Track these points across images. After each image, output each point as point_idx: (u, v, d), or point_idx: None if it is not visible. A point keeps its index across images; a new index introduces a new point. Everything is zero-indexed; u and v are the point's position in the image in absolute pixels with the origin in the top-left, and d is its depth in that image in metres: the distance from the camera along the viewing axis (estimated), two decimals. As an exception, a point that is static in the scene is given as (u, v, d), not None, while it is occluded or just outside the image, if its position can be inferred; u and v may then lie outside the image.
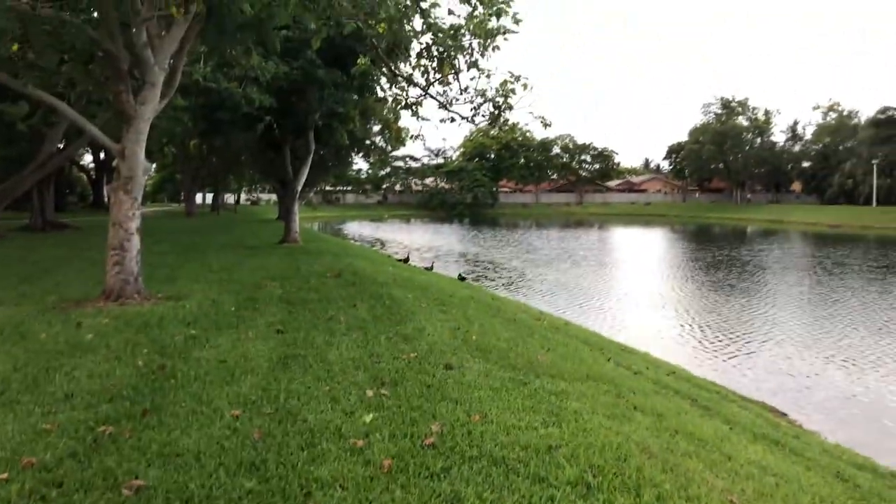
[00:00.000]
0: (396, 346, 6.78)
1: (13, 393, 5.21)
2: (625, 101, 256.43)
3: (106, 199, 50.09)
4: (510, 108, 11.06)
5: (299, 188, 21.51)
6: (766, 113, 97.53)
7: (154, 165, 77.32)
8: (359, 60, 13.67)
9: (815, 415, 10.38)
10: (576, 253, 37.58)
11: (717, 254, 37.31)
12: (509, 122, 11.66)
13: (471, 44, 10.07)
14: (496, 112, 11.13)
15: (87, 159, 62.90)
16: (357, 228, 63.91)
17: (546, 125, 11.47)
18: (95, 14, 9.18)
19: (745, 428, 6.48)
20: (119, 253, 9.21)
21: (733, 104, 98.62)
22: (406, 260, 22.63)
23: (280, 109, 18.53)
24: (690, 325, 16.76)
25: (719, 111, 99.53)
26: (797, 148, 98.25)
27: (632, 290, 23.01)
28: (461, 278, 21.17)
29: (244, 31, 10.12)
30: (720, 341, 15.01)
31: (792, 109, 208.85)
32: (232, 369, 5.85)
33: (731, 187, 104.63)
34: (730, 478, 4.17)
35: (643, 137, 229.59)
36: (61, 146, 27.49)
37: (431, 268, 22.09)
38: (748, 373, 12.59)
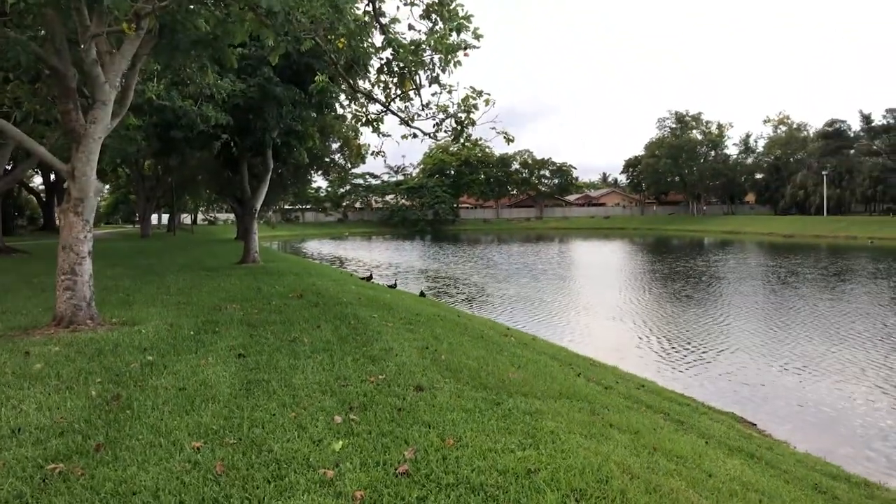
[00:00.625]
0: (364, 367, 6.57)
1: (-46, 430, 4.86)
2: (581, 116, 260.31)
3: (57, 222, 48.66)
4: (473, 123, 10.95)
5: (258, 207, 21.13)
6: (720, 126, 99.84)
7: (107, 186, 75.80)
8: (317, 78, 13.46)
9: (781, 423, 10.46)
10: (537, 267, 37.73)
11: (676, 265, 37.87)
12: (472, 138, 11.56)
13: (432, 59, 9.97)
14: (459, 128, 11.02)
15: (37, 181, 61.22)
16: (318, 247, 63.27)
17: (509, 140, 11.37)
18: (42, 30, 8.83)
19: (720, 441, 6.42)
20: (70, 277, 8.82)
21: (687, 118, 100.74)
22: (369, 278, 22.36)
23: (237, 127, 18.19)
24: (654, 337, 16.84)
25: (674, 125, 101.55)
26: (750, 160, 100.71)
27: (594, 303, 23.08)
28: (422, 295, 21.00)
29: (198, 48, 9.87)
30: (683, 352, 15.11)
31: (744, 122, 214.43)
32: (192, 397, 5.58)
33: (688, 199, 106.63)
34: (713, 497, 4.07)
35: (600, 152, 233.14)
36: (9, 168, 26.68)
37: (395, 286, 21.85)
38: (713, 383, 12.67)
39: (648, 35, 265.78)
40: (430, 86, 10.33)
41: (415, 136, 11.49)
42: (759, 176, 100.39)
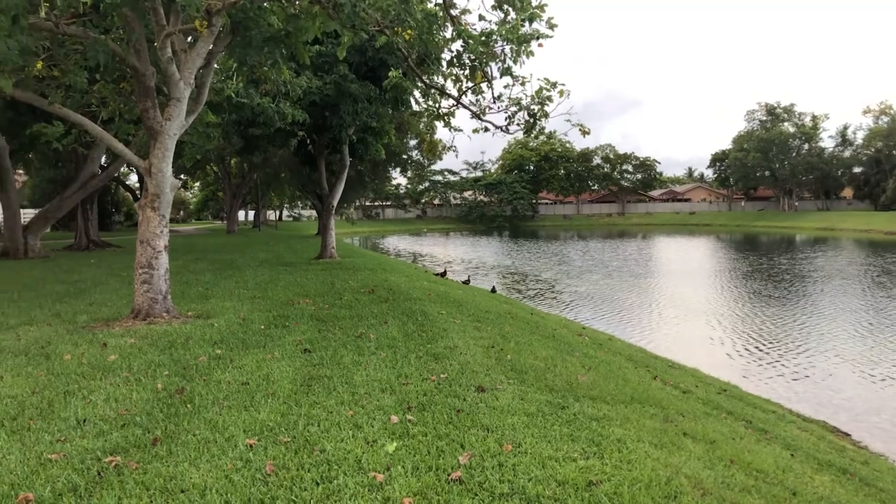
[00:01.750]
0: (426, 365, 6.42)
1: (25, 419, 4.99)
2: (666, 109, 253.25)
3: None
4: (546, 115, 10.65)
5: (335, 203, 21.38)
6: (814, 118, 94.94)
7: (197, 184, 78.91)
8: (390, 73, 13.43)
9: (879, 435, 9.70)
10: (618, 264, 36.80)
11: (762, 263, 36.16)
12: (545, 131, 11.23)
13: (503, 50, 9.73)
14: (531, 120, 10.73)
15: (133, 179, 64.29)
16: (396, 243, 63.91)
17: (585, 133, 11.00)
18: (120, 30, 9.09)
19: (807, 454, 5.93)
20: (147, 271, 9.06)
21: (778, 110, 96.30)
22: (443, 274, 22.28)
23: (314, 124, 18.43)
24: (737, 339, 16.02)
25: (764, 118, 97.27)
26: (847, 153, 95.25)
27: (679, 302, 22.24)
28: (493, 291, 20.77)
29: (271, 45, 9.94)
30: (769, 355, 14.30)
31: (841, 114, 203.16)
32: (253, 392, 5.56)
33: (779, 195, 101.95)
34: (796, 518, 3.70)
35: (686, 146, 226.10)
36: (105, 166, 28.03)
37: (468, 282, 21.69)
38: (802, 388, 11.89)
39: (737, 22, 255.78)
40: (501, 78, 10.09)
41: (486, 129, 11.27)
42: (857, 170, 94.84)
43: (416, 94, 17.40)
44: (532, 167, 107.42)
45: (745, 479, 4.18)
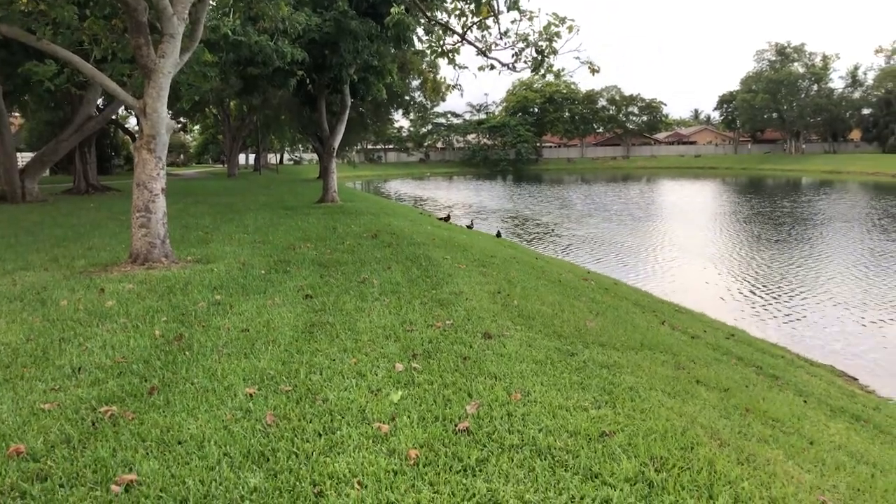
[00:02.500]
0: (431, 311, 6.26)
1: (19, 367, 4.85)
2: (673, 49, 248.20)
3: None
4: (554, 52, 10.24)
5: (336, 145, 20.99)
6: (824, 58, 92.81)
7: (196, 126, 78.02)
8: (392, 9, 12.92)
9: (884, 378, 9.62)
10: (619, 208, 36.52)
11: (767, 207, 35.88)
12: (553, 68, 10.84)
13: (510, -19, 9.29)
14: (539, 57, 10.32)
15: (132, 122, 63.50)
16: (398, 187, 63.44)
17: (594, 71, 10.62)
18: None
19: (820, 400, 5.81)
20: (144, 215, 8.84)
21: (788, 50, 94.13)
22: (447, 219, 22.04)
23: (313, 63, 17.89)
24: (742, 283, 15.90)
25: (773, 58, 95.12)
26: (857, 94, 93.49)
27: (681, 246, 22.05)
28: (498, 235, 20.61)
29: (268, -23, 9.50)
30: (774, 299, 14.22)
31: (852, 53, 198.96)
32: (253, 340, 5.41)
33: (786, 137, 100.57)
34: (817, 469, 3.56)
35: (692, 87, 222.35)
36: (102, 108, 27.51)
37: (472, 226, 21.48)
38: (809, 332, 11.81)
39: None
40: (508, 12, 9.66)
41: (492, 67, 10.90)
42: (866, 111, 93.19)
43: (420, 31, 16.87)
44: (536, 109, 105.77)
45: (761, 429, 4.04)
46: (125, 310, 6.49)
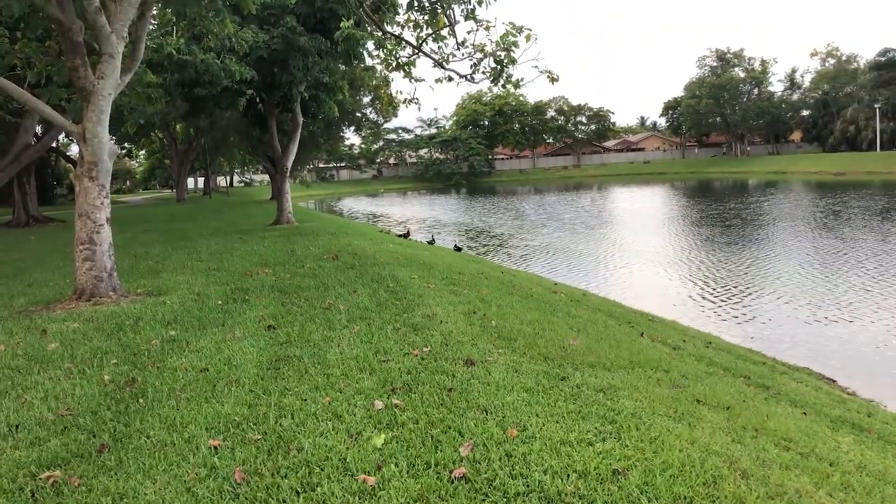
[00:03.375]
0: (406, 338, 5.85)
1: (-54, 428, 4.29)
2: (615, 58, 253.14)
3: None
4: (513, 62, 9.98)
5: (289, 165, 20.43)
6: (763, 63, 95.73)
7: (142, 152, 76.19)
8: (342, 24, 12.53)
9: (859, 377, 9.60)
10: (576, 216, 36.69)
11: (716, 209, 36.59)
12: (512, 79, 10.58)
13: (467, -10, 9.00)
14: (498, 67, 10.05)
15: (75, 150, 61.58)
16: (353, 204, 62.83)
17: (553, 80, 10.39)
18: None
19: (817, 411, 5.59)
20: (88, 247, 8.24)
21: (728, 55, 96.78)
22: (406, 235, 21.64)
23: (262, 82, 17.36)
24: (703, 287, 15.96)
25: (715, 63, 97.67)
26: (796, 97, 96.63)
27: (645, 251, 22.09)
28: (457, 249, 20.35)
29: (212, -8, 9.04)
30: (735, 301, 14.35)
31: (789, 57, 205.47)
32: (214, 380, 4.93)
33: (731, 141, 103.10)
34: (850, 498, 3.27)
35: (637, 95, 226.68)
36: (41, 136, 26.40)
37: (433, 241, 21.12)
38: (771, 332, 11.88)
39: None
40: (465, 21, 9.36)
41: (450, 79, 10.60)
42: (805, 113, 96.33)
43: (370, 45, 16.52)
44: (487, 122, 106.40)
45: (778, 453, 3.74)
46: (70, 353, 5.93)
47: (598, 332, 7.00)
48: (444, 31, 10.06)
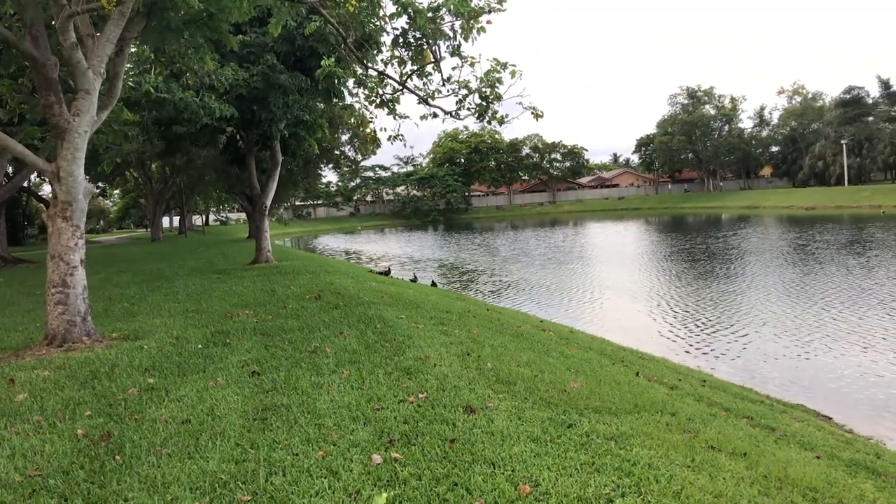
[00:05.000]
0: (399, 383, 5.56)
1: None
2: (588, 99, 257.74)
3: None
4: (499, 98, 9.90)
5: (268, 203, 20.13)
6: (733, 100, 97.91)
7: (116, 191, 75.33)
8: (322, 62, 12.41)
9: (849, 412, 9.50)
10: (543, 252, 36.77)
11: (688, 244, 36.90)
12: (497, 115, 10.49)
13: (452, 27, 8.91)
14: (483, 104, 9.96)
15: (47, 189, 60.68)
16: (331, 242, 62.41)
17: (538, 116, 10.33)
18: (11, 12, 7.85)
19: (828, 454, 5.38)
20: (61, 290, 7.87)
21: (699, 93, 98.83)
22: (387, 273, 21.37)
23: (242, 120, 17.16)
24: (683, 322, 15.89)
25: (686, 101, 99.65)
26: (765, 133, 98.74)
27: (622, 287, 22.02)
28: (433, 285, 20.16)
29: (192, 29, 8.86)
30: (714, 335, 14.33)
31: (758, 95, 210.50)
32: (197, 433, 4.60)
33: (703, 176, 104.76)
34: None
35: (610, 133, 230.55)
36: (12, 175, 25.88)
37: (416, 279, 20.86)
38: (764, 370, 11.72)
39: (652, 10, 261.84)
40: (451, 57, 9.27)
41: (435, 115, 10.47)
42: (774, 149, 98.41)
43: (350, 83, 16.44)
44: (463, 160, 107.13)
45: (806, 505, 3.51)
46: (40, 404, 5.55)
47: (595, 373, 6.76)
48: (430, 67, 9.97)
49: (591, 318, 16.84)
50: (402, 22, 9.11)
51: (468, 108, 10.24)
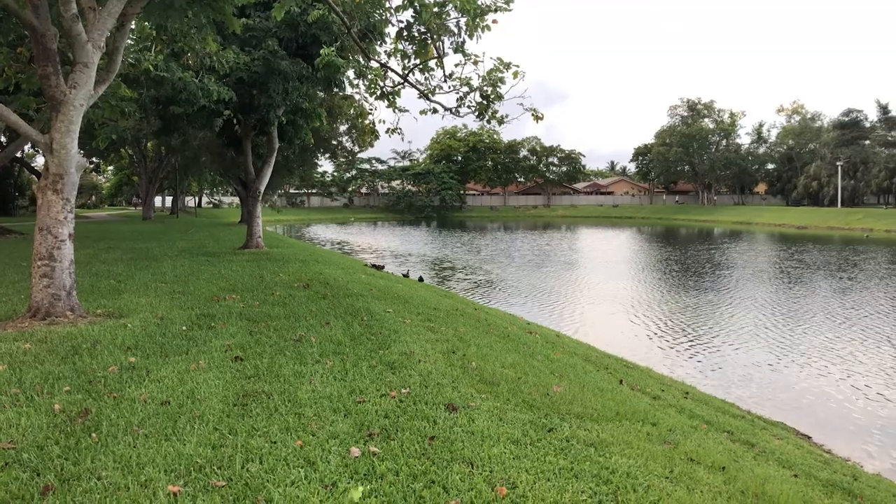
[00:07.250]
0: (382, 377, 5.54)
1: None
2: (589, 104, 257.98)
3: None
4: (500, 98, 9.88)
5: (262, 189, 20.05)
6: (732, 115, 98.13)
7: (110, 167, 74.86)
8: (322, 50, 12.33)
9: (829, 432, 9.54)
10: (546, 255, 36.75)
11: (680, 255, 37.03)
12: (497, 114, 10.46)
13: (458, 23, 8.88)
14: (484, 102, 9.93)
15: (40, 161, 60.23)
16: (323, 232, 62.23)
17: (538, 118, 10.31)
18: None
19: (806, 473, 5.39)
20: (47, 263, 7.80)
21: (699, 106, 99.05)
22: (381, 268, 21.31)
23: (240, 104, 17.07)
24: (668, 332, 15.94)
25: (685, 113, 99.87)
26: (762, 150, 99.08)
27: (615, 295, 22.06)
28: (420, 280, 20.13)
29: (196, 8, 8.79)
30: (698, 347, 14.37)
31: (757, 111, 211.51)
32: (175, 415, 4.56)
33: (698, 189, 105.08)
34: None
35: (608, 140, 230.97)
36: (4, 145, 25.67)
37: (407, 275, 20.82)
38: (744, 385, 11.77)
39: (661, 20, 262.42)
40: (454, 53, 9.23)
41: (435, 111, 10.42)
42: (770, 166, 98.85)
43: (350, 73, 16.38)
44: (460, 158, 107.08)
45: (783, 523, 3.52)
46: (18, 377, 5.49)
47: (579, 379, 6.76)
48: (432, 63, 9.93)
49: (577, 323, 16.87)
50: (407, 15, 9.09)
51: (468, 106, 10.22)
